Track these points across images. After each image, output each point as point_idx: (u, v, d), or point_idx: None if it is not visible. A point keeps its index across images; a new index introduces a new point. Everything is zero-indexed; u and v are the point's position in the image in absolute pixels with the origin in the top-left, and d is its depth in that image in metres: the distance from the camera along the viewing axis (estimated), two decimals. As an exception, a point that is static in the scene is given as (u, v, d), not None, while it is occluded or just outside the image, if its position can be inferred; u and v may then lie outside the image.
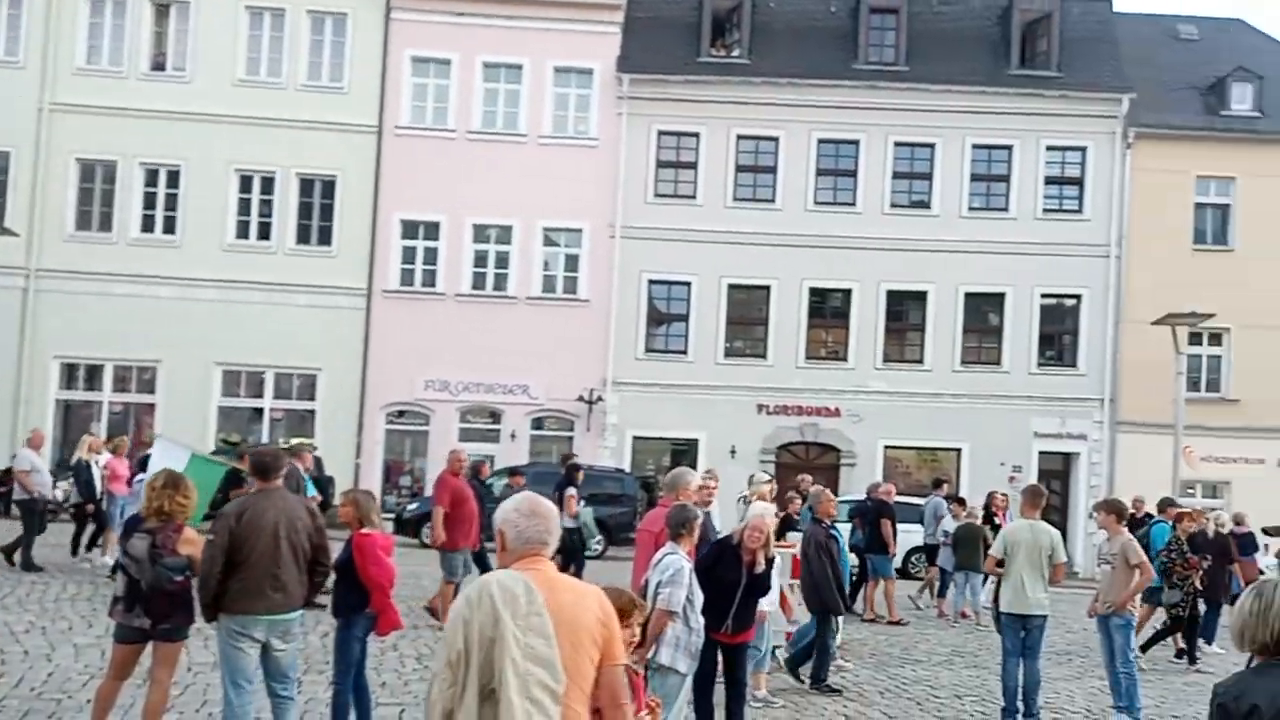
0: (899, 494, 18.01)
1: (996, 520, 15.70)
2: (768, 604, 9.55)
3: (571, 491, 14.97)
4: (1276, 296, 26.61)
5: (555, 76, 27.23)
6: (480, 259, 27.03)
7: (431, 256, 26.88)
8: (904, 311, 27.52)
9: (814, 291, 27.21)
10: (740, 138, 27.29)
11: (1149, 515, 19.74)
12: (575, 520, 14.70)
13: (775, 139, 27.30)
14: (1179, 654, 13.49)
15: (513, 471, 14.96)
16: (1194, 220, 27.66)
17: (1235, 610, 3.43)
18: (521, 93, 27.09)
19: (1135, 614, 9.88)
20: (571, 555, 14.67)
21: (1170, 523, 14.00)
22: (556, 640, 3.08)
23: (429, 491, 24.33)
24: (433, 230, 26.80)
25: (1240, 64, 28.76)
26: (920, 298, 27.23)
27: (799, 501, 13.02)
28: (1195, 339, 26.14)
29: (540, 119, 27.05)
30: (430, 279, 26.85)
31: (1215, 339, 27.27)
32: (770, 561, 7.78)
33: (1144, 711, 9.37)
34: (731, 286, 27.08)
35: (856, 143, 27.38)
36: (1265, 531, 20.72)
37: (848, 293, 27.16)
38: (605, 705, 3.37)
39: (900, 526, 16.27)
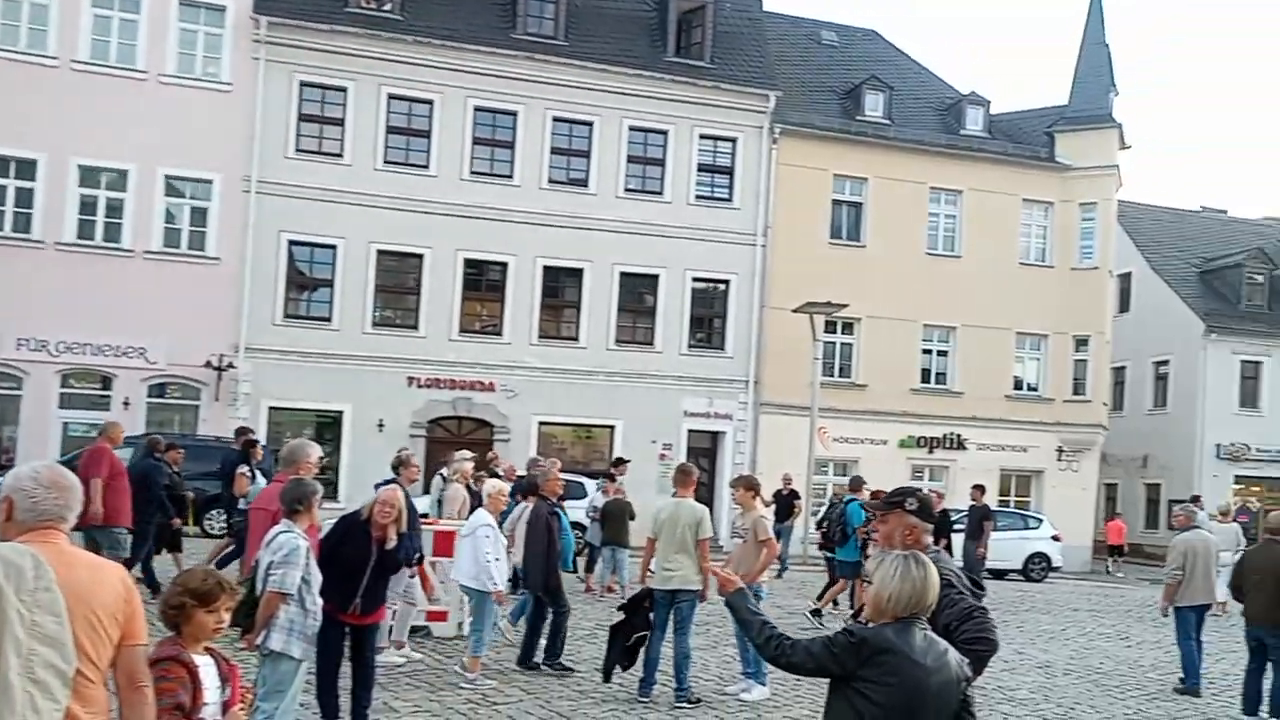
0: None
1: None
2: (495, 586, 9.07)
3: (243, 469, 13.26)
4: (898, 292, 28.69)
5: (180, 10, 24.60)
6: (88, 205, 23.90)
7: (26, 199, 23.53)
8: (560, 288, 27.15)
9: (469, 263, 26.24)
10: (392, 97, 25.82)
11: (794, 492, 20.66)
12: (246, 500, 12.89)
13: (430, 102, 26.05)
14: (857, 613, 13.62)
15: (171, 445, 13.24)
16: (831, 216, 29.22)
17: (897, 576, 3.47)
18: (140, 24, 24.25)
19: (766, 586, 10.11)
20: (238, 537, 12.97)
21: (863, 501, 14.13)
22: (70, 619, 2.91)
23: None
24: (27, 169, 23.47)
25: (874, 73, 30.78)
26: (577, 275, 26.95)
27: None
28: (830, 327, 27.69)
29: (163, 56, 24.31)
30: (24, 224, 23.52)
31: (847, 328, 28.97)
32: (402, 538, 7.37)
33: (769, 676, 9.58)
34: (381, 252, 25.60)
35: (514, 114, 26.68)
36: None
37: (504, 266, 26.41)
38: (123, 687, 3.28)
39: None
